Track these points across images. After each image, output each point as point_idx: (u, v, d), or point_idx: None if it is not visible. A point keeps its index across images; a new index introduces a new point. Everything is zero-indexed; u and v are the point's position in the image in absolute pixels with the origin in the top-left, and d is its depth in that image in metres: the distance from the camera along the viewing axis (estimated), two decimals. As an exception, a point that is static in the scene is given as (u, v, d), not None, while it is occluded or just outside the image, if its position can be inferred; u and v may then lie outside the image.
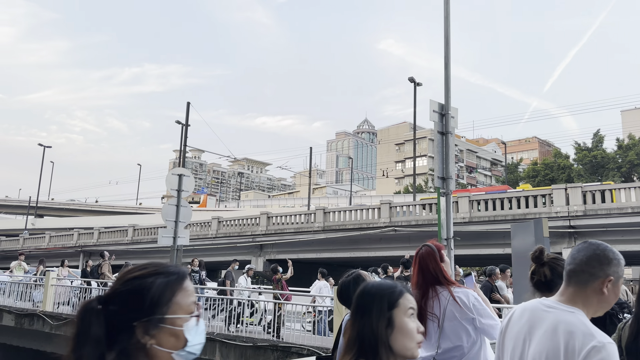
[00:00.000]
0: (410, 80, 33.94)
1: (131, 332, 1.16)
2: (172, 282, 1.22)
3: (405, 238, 25.19)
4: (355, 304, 1.60)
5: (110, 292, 1.21)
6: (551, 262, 2.45)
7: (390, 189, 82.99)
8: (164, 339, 1.18)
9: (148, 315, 1.17)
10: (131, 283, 1.20)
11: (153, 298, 1.18)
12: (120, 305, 1.17)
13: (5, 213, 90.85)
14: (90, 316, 1.15)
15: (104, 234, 41.07)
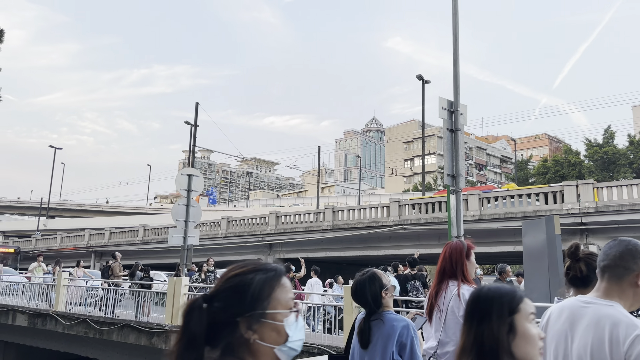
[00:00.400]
0: (419, 77, 33.80)
1: (235, 328, 1.19)
2: (270, 278, 1.25)
3: (414, 236, 25.09)
4: (471, 308, 1.54)
5: (214, 290, 1.24)
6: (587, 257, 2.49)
7: (399, 187, 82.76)
8: (266, 333, 1.20)
9: (250, 310, 1.19)
10: (232, 280, 1.23)
11: (254, 293, 1.20)
12: (223, 301, 1.20)
13: (18, 214, 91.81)
14: (194, 313, 1.18)
15: (115, 235, 41.36)
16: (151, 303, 13.76)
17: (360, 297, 2.98)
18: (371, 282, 2.97)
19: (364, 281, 3.01)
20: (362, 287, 2.99)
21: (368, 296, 2.93)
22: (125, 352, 13.66)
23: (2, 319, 16.22)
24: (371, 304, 2.93)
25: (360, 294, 2.98)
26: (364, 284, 3.00)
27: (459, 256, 3.07)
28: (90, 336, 13.80)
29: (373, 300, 2.93)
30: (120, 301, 14.18)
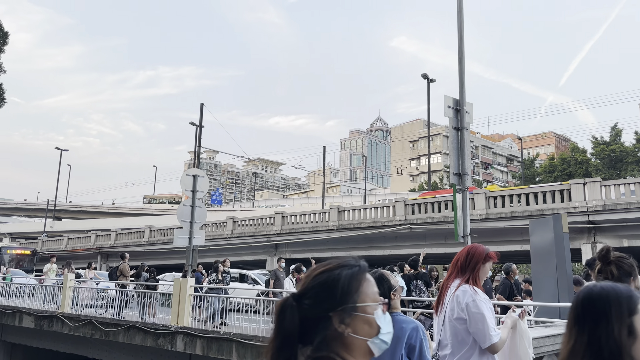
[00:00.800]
0: (424, 76, 33.67)
1: (328, 323, 1.21)
2: (356, 273, 1.29)
3: (421, 236, 24.98)
4: (582, 309, 1.42)
5: (303, 288, 1.27)
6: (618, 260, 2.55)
7: (404, 187, 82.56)
8: (358, 326, 1.24)
9: (341, 304, 1.23)
10: (320, 277, 1.27)
11: (344, 288, 1.24)
12: (313, 298, 1.23)
13: (25, 216, 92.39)
14: (286, 312, 1.21)
15: (121, 236, 41.47)
16: (157, 304, 13.75)
17: None
18: (379, 284, 2.87)
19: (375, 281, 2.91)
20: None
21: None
22: (131, 354, 13.65)
23: (9, 321, 16.28)
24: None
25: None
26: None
27: (477, 255, 3.02)
28: (96, 337, 13.81)
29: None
30: (130, 303, 14.14)
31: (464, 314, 2.82)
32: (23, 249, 35.35)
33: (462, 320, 2.82)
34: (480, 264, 3.01)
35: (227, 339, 11.16)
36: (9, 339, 17.05)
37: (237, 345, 11.05)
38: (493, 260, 3.09)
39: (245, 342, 10.90)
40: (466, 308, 2.82)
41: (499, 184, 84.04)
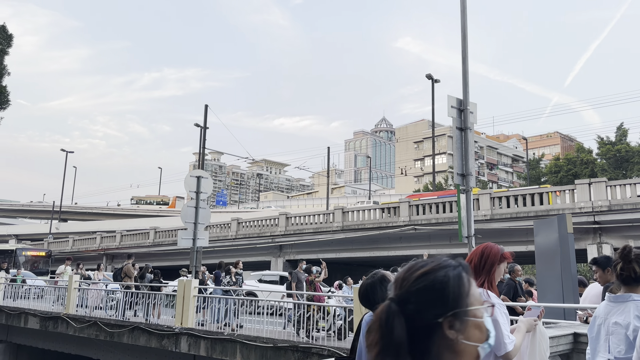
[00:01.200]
0: (428, 77, 33.64)
1: (436, 329, 1.12)
2: (462, 274, 1.18)
3: (425, 236, 24.92)
4: None
5: (403, 292, 1.17)
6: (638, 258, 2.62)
7: (409, 188, 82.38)
8: (470, 332, 1.15)
9: (452, 309, 1.14)
10: (424, 280, 1.16)
11: (454, 291, 1.15)
12: (420, 304, 1.14)
13: (30, 218, 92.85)
14: (394, 320, 1.12)
15: (126, 237, 41.60)
16: (161, 305, 13.77)
17: (370, 301, 2.83)
18: (382, 285, 2.83)
19: (375, 284, 2.86)
20: (373, 290, 2.84)
21: (378, 300, 2.76)
22: (135, 355, 13.69)
23: (15, 322, 16.36)
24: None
25: (371, 296, 2.82)
26: (374, 287, 2.85)
27: (493, 256, 2.88)
28: (101, 339, 13.85)
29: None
30: (137, 304, 14.08)
31: None
32: (38, 251, 35.17)
33: None
34: (495, 265, 2.87)
35: (231, 340, 11.17)
36: (14, 340, 17.13)
37: (241, 346, 11.05)
38: (508, 261, 2.97)
39: (249, 343, 10.91)
40: None
41: (504, 184, 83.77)
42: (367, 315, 2.88)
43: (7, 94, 16.83)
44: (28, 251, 34.00)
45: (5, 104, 16.99)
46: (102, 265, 17.13)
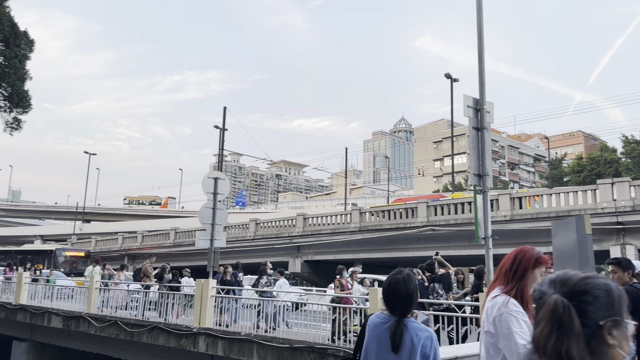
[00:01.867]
0: (447, 76, 33.39)
1: (597, 331, 1.16)
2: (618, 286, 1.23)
3: (444, 237, 24.72)
4: None
5: (572, 290, 1.20)
6: None
7: (428, 188, 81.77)
8: (622, 342, 1.18)
9: (615, 315, 1.17)
10: (589, 282, 1.20)
11: (618, 299, 1.19)
12: (593, 303, 1.17)
13: (55, 219, 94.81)
14: (569, 311, 1.16)
15: (147, 238, 42.17)
16: (180, 305, 13.91)
17: (395, 297, 2.74)
18: (408, 282, 2.77)
19: (401, 280, 2.78)
20: (398, 287, 2.75)
21: (404, 297, 2.73)
22: (155, 354, 13.86)
23: (38, 321, 16.73)
24: (406, 306, 2.73)
25: (396, 294, 2.74)
26: (399, 283, 2.76)
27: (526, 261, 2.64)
28: (121, 338, 14.07)
29: (408, 301, 2.73)
30: (154, 304, 14.23)
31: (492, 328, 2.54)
32: (77, 251, 35.72)
33: (491, 334, 2.56)
34: (529, 271, 2.63)
35: (248, 340, 11.24)
36: (38, 339, 17.51)
37: (258, 346, 11.11)
38: (546, 265, 2.70)
39: (265, 343, 10.96)
40: (494, 322, 2.53)
41: (525, 184, 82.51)
42: (373, 317, 2.87)
43: (29, 98, 17.24)
44: (67, 251, 34.50)
45: (27, 107, 17.40)
46: (125, 266, 17.30)
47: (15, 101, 16.75)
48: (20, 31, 16.34)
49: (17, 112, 17.29)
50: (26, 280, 18.41)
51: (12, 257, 35.77)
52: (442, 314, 9.17)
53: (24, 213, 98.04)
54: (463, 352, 3.72)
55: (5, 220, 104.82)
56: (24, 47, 16.47)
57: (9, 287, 19.35)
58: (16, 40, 15.94)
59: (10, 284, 19.42)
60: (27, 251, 39.08)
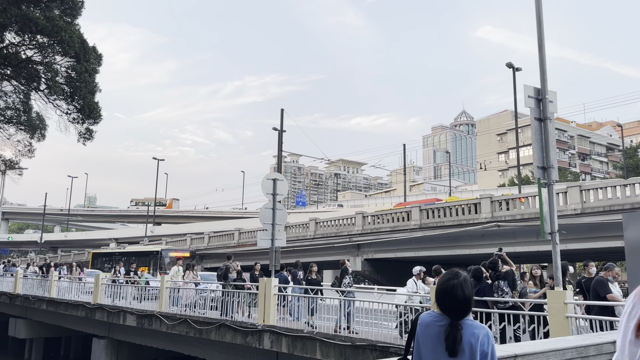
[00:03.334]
0: (509, 65, 32.28)
1: None
2: None
3: (510, 233, 23.86)
4: None
5: None
6: None
7: (493, 182, 79.12)
8: None
9: None
10: None
11: None
12: None
13: (128, 222, 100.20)
14: None
15: (214, 238, 43.61)
16: (245, 303, 14.28)
17: (451, 304, 2.66)
18: (464, 287, 2.68)
19: (457, 286, 2.69)
20: (454, 293, 2.66)
21: (461, 303, 2.65)
22: (222, 351, 14.35)
23: (115, 319, 17.77)
24: (462, 312, 2.65)
25: (452, 300, 2.66)
26: (455, 289, 2.67)
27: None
28: (190, 335, 14.67)
29: (465, 307, 2.65)
30: (224, 302, 14.46)
31: None
32: (183, 252, 34.99)
33: None
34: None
35: (311, 338, 11.40)
36: (115, 336, 18.60)
37: (321, 344, 11.24)
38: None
39: (328, 341, 11.07)
40: None
41: (598, 175, 77.91)
42: (425, 315, 2.82)
43: (99, 110, 18.35)
44: (172, 252, 33.95)
45: (98, 118, 18.52)
46: (193, 265, 17.97)
47: (87, 113, 17.91)
48: (89, 46, 17.45)
49: (89, 123, 18.49)
50: (103, 281, 19.61)
51: (116, 259, 34.61)
52: (507, 312, 8.89)
53: (99, 217, 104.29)
54: (523, 350, 3.61)
55: (82, 224, 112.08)
56: (93, 62, 17.56)
57: (85, 288, 20.62)
58: (86, 55, 17.04)
59: (85, 284, 20.71)
60: (131, 253, 38.14)
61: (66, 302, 20.87)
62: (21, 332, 24.51)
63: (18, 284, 25.59)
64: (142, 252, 37.52)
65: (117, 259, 34.93)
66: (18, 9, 15.48)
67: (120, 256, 37.00)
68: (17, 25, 15.85)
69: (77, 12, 16.97)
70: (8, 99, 20.42)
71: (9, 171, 23.84)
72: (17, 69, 17.37)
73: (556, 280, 8.11)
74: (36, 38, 16.60)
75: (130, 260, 34.83)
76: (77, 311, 19.96)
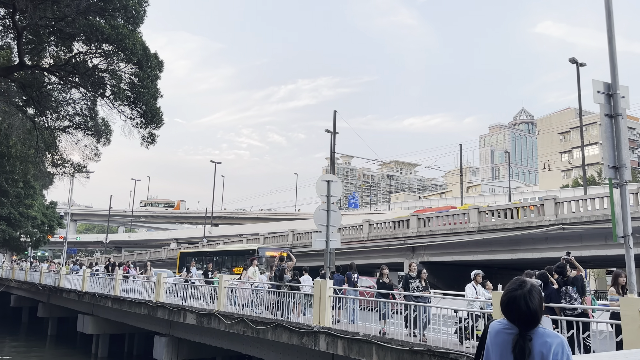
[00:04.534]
0: (572, 61, 30.78)
1: None
2: None
3: (576, 237, 22.68)
4: None
5: None
6: None
7: (555, 183, 75.76)
8: None
9: None
10: None
11: None
12: None
13: (187, 223, 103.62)
14: None
15: (268, 239, 44.26)
16: (300, 304, 14.34)
17: (515, 315, 2.53)
18: (530, 298, 2.53)
19: (521, 297, 2.54)
20: (518, 304, 2.53)
21: (526, 315, 2.52)
22: (279, 351, 14.45)
23: (175, 317, 18.33)
24: (529, 323, 2.51)
25: (517, 312, 2.52)
26: (519, 300, 2.53)
27: None
28: (248, 335, 14.89)
29: (532, 320, 2.52)
30: (280, 302, 14.56)
31: None
32: (275, 251, 32.09)
33: None
34: None
35: (367, 342, 11.26)
36: (175, 334, 19.19)
37: (377, 347, 11.08)
38: None
39: (385, 345, 10.89)
40: None
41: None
42: (495, 322, 2.68)
43: (161, 114, 19.01)
44: (269, 251, 31.91)
45: (159, 123, 19.20)
46: (249, 265, 18.23)
47: (149, 118, 18.64)
48: (151, 53, 18.16)
49: (151, 127, 19.22)
50: (165, 280, 20.29)
51: (207, 259, 32.76)
52: (576, 319, 8.40)
53: (160, 219, 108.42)
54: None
55: (145, 225, 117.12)
56: (154, 68, 18.23)
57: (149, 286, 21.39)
58: (148, 62, 17.73)
59: (149, 283, 21.49)
60: (223, 252, 36.32)
61: (130, 300, 21.75)
62: (89, 327, 25.82)
63: (85, 282, 27.00)
64: (236, 251, 34.97)
65: (207, 259, 32.94)
66: (85, 19, 16.33)
67: (212, 255, 34.66)
68: (85, 35, 16.73)
69: (139, 21, 17.69)
70: (76, 105, 21.62)
71: (77, 175, 25.18)
72: (85, 76, 18.32)
73: (630, 286, 7.62)
74: (102, 46, 17.46)
75: (223, 259, 33.16)
76: (139, 309, 20.75)
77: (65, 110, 21.86)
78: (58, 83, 20.52)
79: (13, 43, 19.28)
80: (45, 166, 25.76)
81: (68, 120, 22.07)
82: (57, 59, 19.23)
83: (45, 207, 48.49)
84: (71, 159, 23.95)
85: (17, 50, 18.01)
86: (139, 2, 17.61)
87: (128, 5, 17.11)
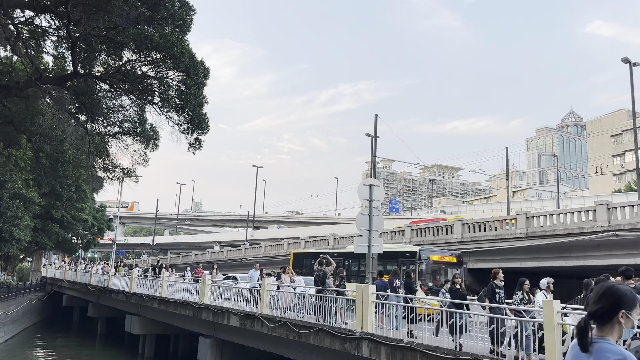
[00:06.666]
0: (624, 61, 29.50)
1: None
2: None
3: (630, 244, 21.62)
4: None
5: None
6: None
7: (607, 188, 72.67)
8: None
9: None
10: None
11: None
12: None
13: (230, 226, 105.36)
14: None
15: (309, 243, 44.37)
16: (343, 309, 14.22)
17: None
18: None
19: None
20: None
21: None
22: (321, 356, 14.38)
23: (219, 319, 18.59)
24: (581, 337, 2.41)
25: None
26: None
27: None
28: (290, 338, 14.90)
29: (580, 330, 2.41)
30: (322, 307, 14.46)
31: None
32: (442, 255, 24.75)
33: None
34: None
35: (411, 349, 11.06)
36: (219, 336, 19.45)
37: (422, 355, 10.86)
38: None
39: (429, 353, 10.67)
40: None
41: None
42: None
43: (207, 120, 19.42)
44: (434, 254, 24.28)
45: (205, 128, 19.61)
46: (288, 268, 18.30)
47: (196, 123, 19.10)
48: (198, 61, 18.60)
49: (198, 133, 19.69)
50: (208, 282, 20.63)
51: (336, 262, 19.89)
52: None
53: (205, 222, 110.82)
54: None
55: (189, 228, 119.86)
56: (201, 75, 18.66)
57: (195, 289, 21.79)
58: (195, 69, 18.17)
59: (195, 285, 21.88)
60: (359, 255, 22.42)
61: (175, 302, 22.22)
62: (136, 328, 26.55)
63: (133, 283, 27.81)
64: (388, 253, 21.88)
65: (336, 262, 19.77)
66: (135, 28, 16.90)
67: (340, 257, 26.94)
68: (134, 44, 17.33)
69: (186, 29, 18.16)
70: (126, 112, 22.41)
71: (126, 179, 26.05)
72: (134, 83, 18.96)
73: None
74: (151, 54, 18.02)
75: (358, 263, 26.05)
76: (185, 310, 21.17)
77: (115, 116, 22.68)
78: (109, 90, 21.33)
79: (67, 52, 20.16)
80: (96, 171, 26.77)
81: (118, 127, 22.89)
82: (108, 67, 20.00)
83: (95, 210, 50.36)
84: (121, 164, 24.80)
85: (71, 60, 18.84)
86: (186, 11, 18.08)
87: (175, 14, 17.59)
